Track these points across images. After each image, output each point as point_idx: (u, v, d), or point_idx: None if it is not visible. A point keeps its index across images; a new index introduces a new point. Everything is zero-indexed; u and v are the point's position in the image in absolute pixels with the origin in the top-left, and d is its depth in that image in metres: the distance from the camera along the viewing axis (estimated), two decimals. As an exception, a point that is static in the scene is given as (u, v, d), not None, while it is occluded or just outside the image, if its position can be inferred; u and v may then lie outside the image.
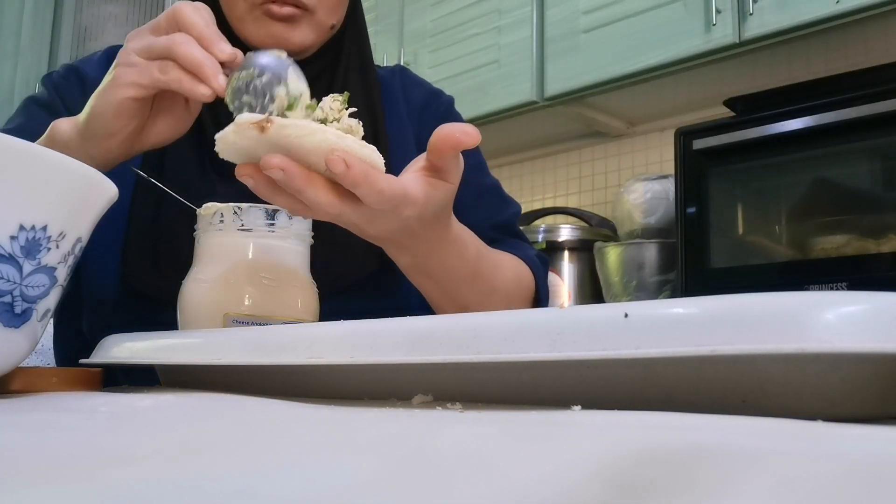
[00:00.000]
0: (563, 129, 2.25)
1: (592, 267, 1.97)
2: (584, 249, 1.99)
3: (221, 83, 0.54)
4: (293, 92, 0.51)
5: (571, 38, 1.95)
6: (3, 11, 3.30)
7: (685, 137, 1.67)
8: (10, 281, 0.39)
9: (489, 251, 0.69)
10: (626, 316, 0.29)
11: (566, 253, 2.00)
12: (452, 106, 0.91)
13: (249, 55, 0.55)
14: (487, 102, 2.10)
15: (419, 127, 0.86)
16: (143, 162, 0.74)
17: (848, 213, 1.48)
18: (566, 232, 2.02)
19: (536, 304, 0.79)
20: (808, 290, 1.27)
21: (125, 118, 0.58)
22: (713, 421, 0.26)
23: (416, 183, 0.50)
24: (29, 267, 0.40)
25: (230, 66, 0.55)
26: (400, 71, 0.91)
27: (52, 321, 0.82)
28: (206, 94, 0.55)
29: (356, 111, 0.50)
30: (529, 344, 0.31)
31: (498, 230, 0.82)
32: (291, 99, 0.51)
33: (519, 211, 0.88)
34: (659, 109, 2.09)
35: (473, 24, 2.19)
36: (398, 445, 0.24)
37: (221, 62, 0.55)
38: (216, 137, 0.48)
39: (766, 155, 1.57)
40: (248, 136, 0.46)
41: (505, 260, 0.74)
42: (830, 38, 1.65)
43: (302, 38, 0.75)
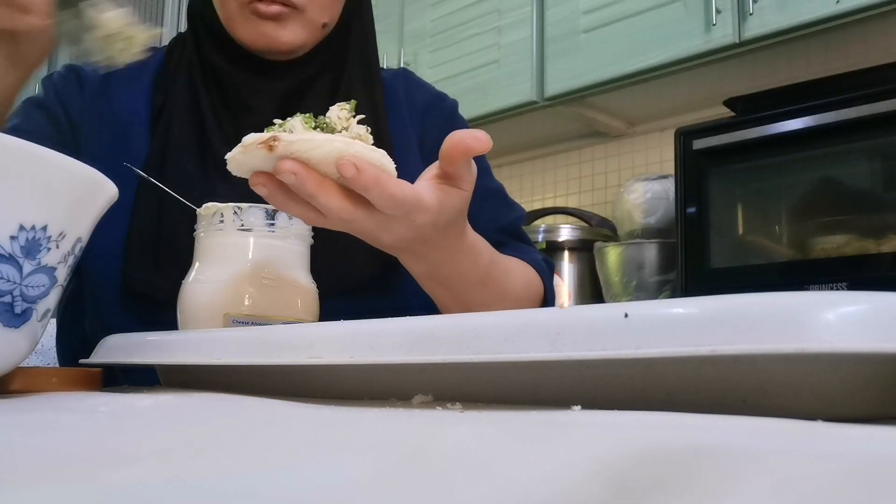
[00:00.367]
0: (563, 129, 2.25)
1: (592, 267, 1.97)
2: (584, 249, 1.99)
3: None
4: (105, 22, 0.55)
5: (571, 38, 1.95)
6: (3, 11, 3.29)
7: (685, 137, 1.67)
8: (10, 281, 0.39)
9: (500, 257, 0.69)
10: (626, 316, 0.29)
11: (566, 253, 2.00)
12: (456, 110, 0.91)
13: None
14: (487, 102, 2.10)
15: (422, 130, 0.85)
16: (144, 162, 0.74)
17: (848, 213, 1.48)
18: (566, 232, 2.02)
19: (544, 307, 0.79)
20: (808, 290, 1.27)
21: None
22: (713, 421, 0.26)
23: (429, 190, 0.50)
24: (29, 267, 0.40)
25: None
26: (404, 73, 0.91)
27: (53, 321, 0.82)
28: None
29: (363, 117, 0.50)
30: (529, 344, 0.31)
31: (503, 234, 0.81)
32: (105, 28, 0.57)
33: (523, 215, 0.87)
34: (659, 109, 2.09)
35: (473, 24, 2.19)
36: (398, 445, 0.24)
37: None
38: (227, 157, 0.49)
39: (766, 155, 1.57)
40: (257, 154, 0.47)
41: (514, 265, 0.74)
42: (830, 38, 1.65)
43: (292, 36, 0.74)
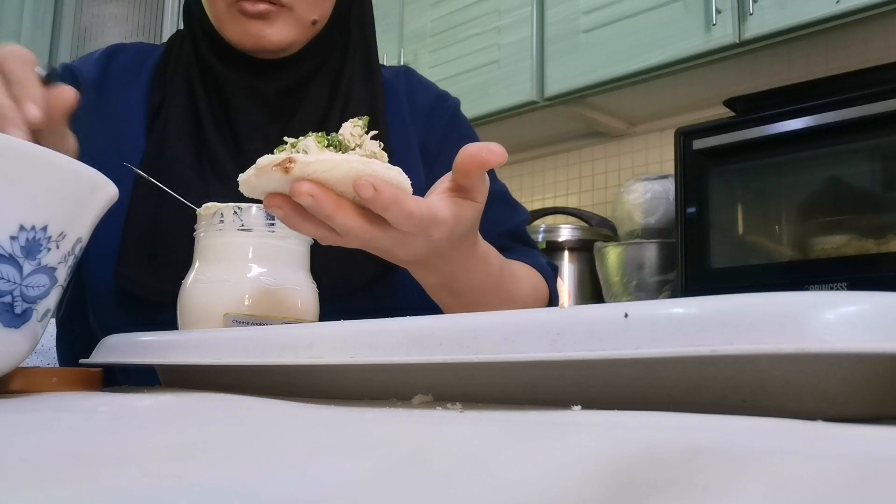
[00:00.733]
0: (563, 129, 2.25)
1: (592, 267, 1.97)
2: (584, 249, 1.99)
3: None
4: None
5: (571, 38, 1.95)
6: (3, 11, 3.30)
7: (685, 137, 1.67)
8: (10, 281, 0.39)
9: (509, 262, 0.69)
10: (626, 316, 0.29)
11: (566, 253, 2.00)
12: (459, 109, 0.89)
13: None
14: (487, 102, 2.10)
15: (425, 132, 0.84)
16: (141, 160, 0.74)
17: (848, 213, 1.48)
18: (566, 232, 2.02)
19: None
20: (808, 290, 1.27)
21: None
22: (713, 421, 0.26)
23: (443, 204, 0.50)
24: (29, 267, 0.40)
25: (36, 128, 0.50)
26: (405, 72, 0.89)
27: (53, 321, 0.82)
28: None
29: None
30: (529, 344, 0.31)
31: (508, 237, 0.81)
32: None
33: (528, 218, 0.86)
34: (659, 109, 2.09)
35: (473, 24, 2.19)
36: (398, 445, 0.24)
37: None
38: (239, 180, 0.48)
39: (766, 155, 1.57)
40: (272, 177, 0.46)
41: (521, 270, 0.73)
42: (830, 38, 1.65)
43: (280, 35, 0.73)
